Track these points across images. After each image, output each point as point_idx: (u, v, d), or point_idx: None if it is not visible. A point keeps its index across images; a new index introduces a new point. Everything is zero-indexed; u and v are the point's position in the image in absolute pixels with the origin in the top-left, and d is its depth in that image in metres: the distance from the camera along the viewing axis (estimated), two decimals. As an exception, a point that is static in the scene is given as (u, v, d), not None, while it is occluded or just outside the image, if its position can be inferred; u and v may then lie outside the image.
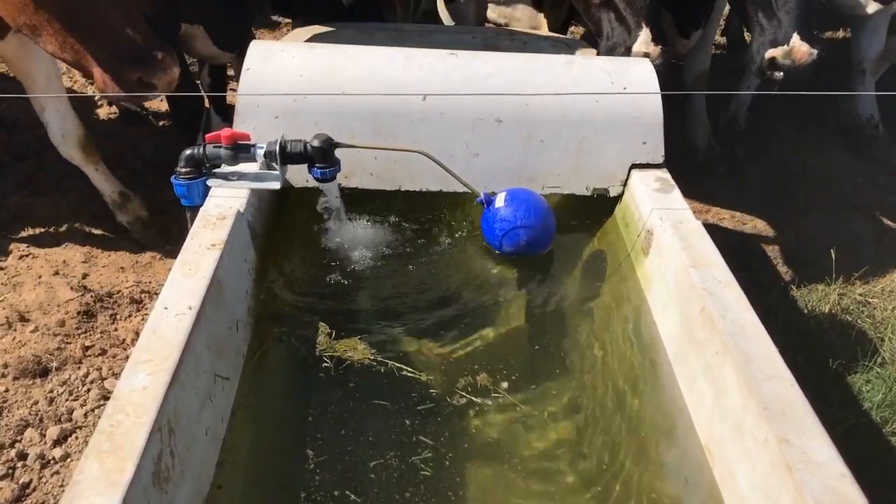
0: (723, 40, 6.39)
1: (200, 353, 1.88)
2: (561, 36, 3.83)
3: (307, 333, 2.30)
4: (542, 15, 4.38)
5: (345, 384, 2.16)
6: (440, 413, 2.11)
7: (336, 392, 2.14)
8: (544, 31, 4.21)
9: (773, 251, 4.02)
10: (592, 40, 3.90)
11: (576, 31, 5.69)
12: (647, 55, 3.12)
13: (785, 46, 3.21)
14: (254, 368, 2.16)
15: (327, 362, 2.21)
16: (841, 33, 6.38)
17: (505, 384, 2.19)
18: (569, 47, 3.60)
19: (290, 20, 5.47)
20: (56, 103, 3.34)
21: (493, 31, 3.68)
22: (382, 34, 3.54)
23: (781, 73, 3.25)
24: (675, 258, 2.26)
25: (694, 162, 4.65)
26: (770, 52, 3.24)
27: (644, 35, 3.16)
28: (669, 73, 3.82)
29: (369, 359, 2.22)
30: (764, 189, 4.46)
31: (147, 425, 1.57)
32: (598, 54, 3.37)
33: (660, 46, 3.16)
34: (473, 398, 2.15)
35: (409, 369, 2.22)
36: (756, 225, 4.19)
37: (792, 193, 4.46)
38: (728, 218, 4.25)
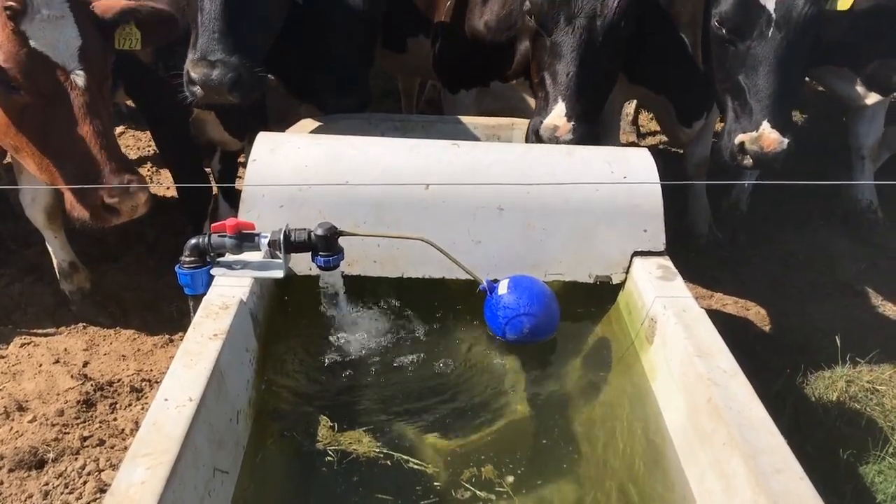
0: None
1: (200, 445, 1.85)
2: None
3: (309, 425, 2.26)
4: (541, 105, 4.46)
5: (348, 478, 2.12)
6: (444, 508, 2.06)
7: (339, 486, 2.10)
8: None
9: (777, 337, 4.00)
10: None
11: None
12: (556, 128, 3.15)
13: (753, 133, 3.20)
14: (254, 461, 2.12)
15: (331, 455, 2.17)
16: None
17: (510, 478, 2.15)
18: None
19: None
20: None
21: (494, 122, 3.75)
22: (387, 124, 3.61)
23: (751, 161, 3.21)
24: (679, 347, 2.24)
25: (696, 248, 4.67)
26: (739, 137, 3.23)
27: (558, 108, 3.18)
28: (669, 161, 3.88)
29: (375, 451, 2.18)
30: (766, 274, 4.47)
31: (144, 523, 1.54)
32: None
33: (573, 123, 3.14)
34: (478, 492, 2.10)
35: (414, 461, 2.17)
36: (759, 311, 4.18)
37: (794, 278, 4.47)
38: (731, 304, 4.24)
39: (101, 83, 2.87)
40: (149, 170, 5.60)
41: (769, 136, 3.14)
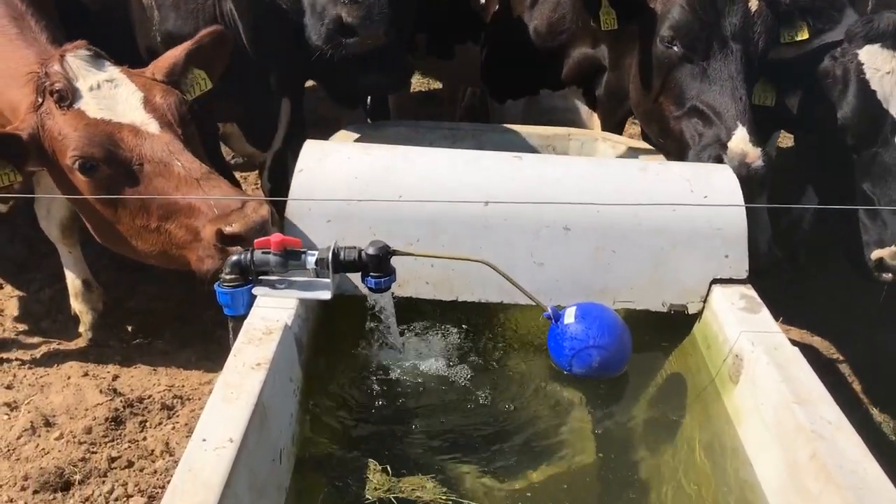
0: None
1: (241, 494, 1.65)
2: (621, 137, 3.66)
3: (359, 469, 2.03)
4: (595, 115, 4.24)
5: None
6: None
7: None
8: (598, 130, 4.06)
9: (846, 368, 3.74)
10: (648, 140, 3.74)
11: (632, 130, 5.54)
12: (745, 153, 2.88)
13: (893, 248, 3.13)
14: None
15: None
16: None
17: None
18: (629, 149, 3.43)
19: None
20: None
21: (550, 131, 3.52)
22: (436, 133, 3.40)
23: (890, 275, 3.14)
24: (773, 392, 2.00)
25: (755, 269, 4.39)
26: (877, 253, 3.15)
27: (740, 133, 2.90)
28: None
29: (441, 499, 1.95)
30: (830, 298, 4.19)
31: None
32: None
33: (759, 149, 2.88)
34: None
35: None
36: (825, 338, 3.91)
37: (860, 299, 4.17)
38: (793, 330, 3.98)
39: (181, 123, 2.64)
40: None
41: None
